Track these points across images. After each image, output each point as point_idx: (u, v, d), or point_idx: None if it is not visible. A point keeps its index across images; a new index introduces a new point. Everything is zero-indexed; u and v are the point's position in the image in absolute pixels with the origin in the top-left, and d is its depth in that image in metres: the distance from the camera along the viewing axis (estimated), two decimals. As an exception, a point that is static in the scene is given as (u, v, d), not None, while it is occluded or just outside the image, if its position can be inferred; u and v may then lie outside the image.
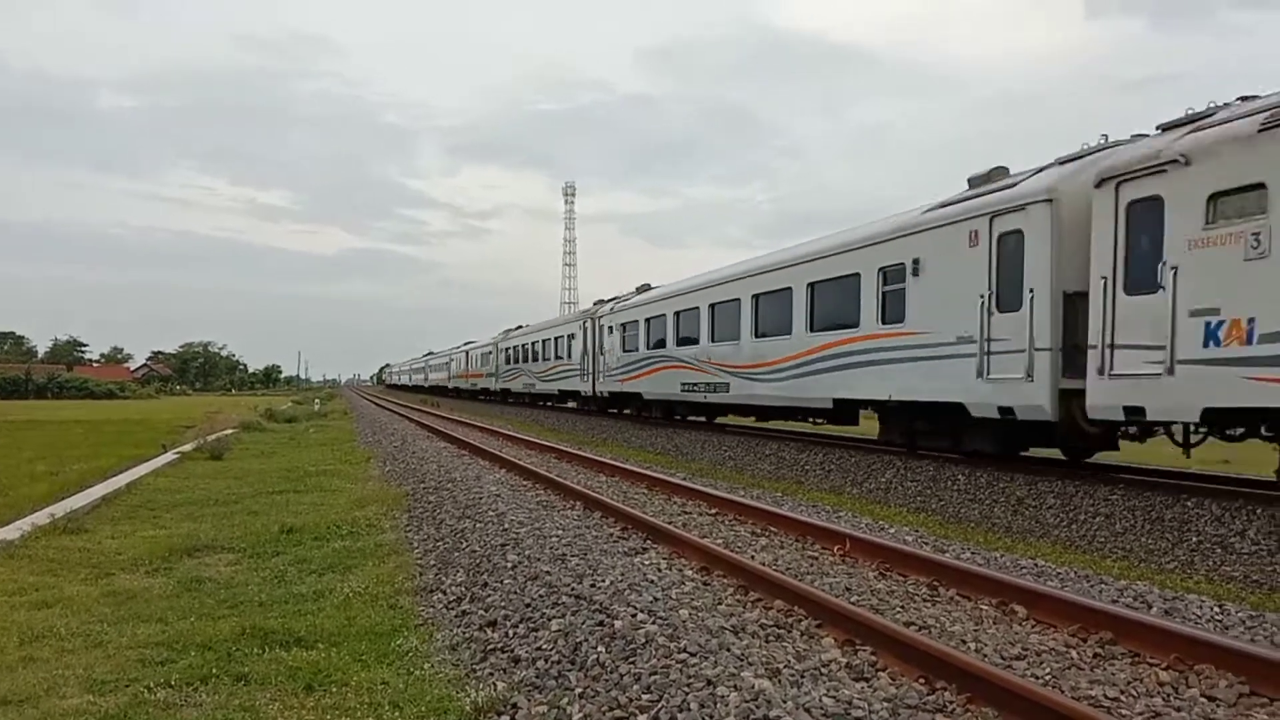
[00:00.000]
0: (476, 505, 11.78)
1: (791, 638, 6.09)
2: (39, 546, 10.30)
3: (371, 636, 6.94)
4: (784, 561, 8.66)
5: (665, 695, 4.91)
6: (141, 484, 16.36)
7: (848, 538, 9.29)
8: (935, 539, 10.61)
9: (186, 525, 12.07)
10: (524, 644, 6.36)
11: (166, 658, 6.46)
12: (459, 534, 10.42)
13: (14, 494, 15.02)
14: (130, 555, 10.01)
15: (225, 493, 15.38)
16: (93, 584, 8.77)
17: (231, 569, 9.53)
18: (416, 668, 6.21)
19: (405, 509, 13.24)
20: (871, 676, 5.38)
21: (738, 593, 7.26)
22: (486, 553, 9.12)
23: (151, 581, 8.93)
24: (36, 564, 9.54)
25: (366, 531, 11.56)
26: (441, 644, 6.82)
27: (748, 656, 5.39)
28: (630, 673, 5.29)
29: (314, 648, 6.64)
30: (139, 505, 13.90)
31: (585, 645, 5.88)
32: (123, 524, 12.15)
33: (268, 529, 11.52)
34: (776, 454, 20.28)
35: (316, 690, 5.78)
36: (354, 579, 8.88)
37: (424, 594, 8.43)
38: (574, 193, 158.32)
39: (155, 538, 11.05)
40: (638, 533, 9.86)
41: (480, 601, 7.67)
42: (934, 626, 6.57)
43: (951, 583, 7.70)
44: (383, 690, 5.74)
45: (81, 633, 7.08)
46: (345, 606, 7.84)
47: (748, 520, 10.96)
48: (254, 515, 12.96)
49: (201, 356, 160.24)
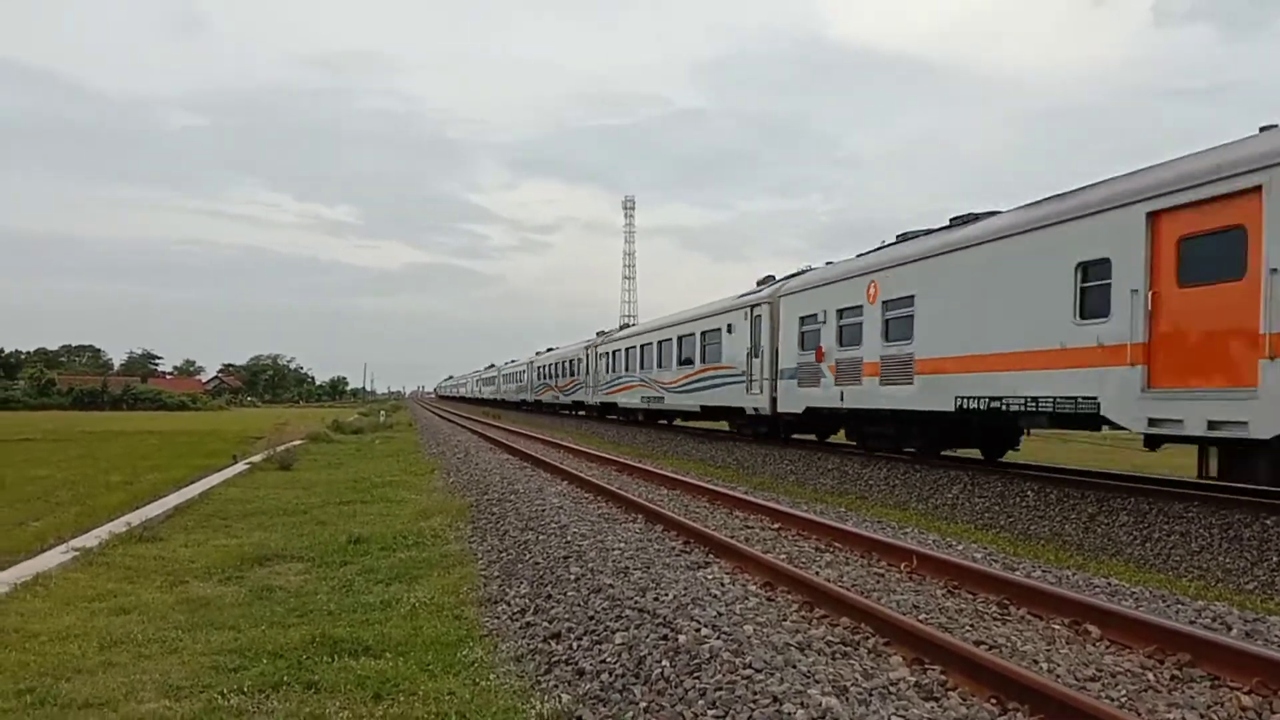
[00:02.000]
0: (539, 517, 11.85)
1: (858, 655, 6.01)
2: (117, 554, 10.61)
3: (438, 646, 7.02)
4: (849, 578, 8.56)
5: (731, 711, 4.89)
6: (213, 494, 16.78)
7: (914, 554, 9.16)
8: (1004, 556, 10.40)
9: (257, 534, 12.34)
10: (588, 657, 6.37)
11: (239, 665, 6.60)
12: (522, 545, 10.50)
13: (92, 503, 15.53)
14: (203, 564, 10.26)
15: (294, 503, 15.70)
16: (168, 591, 9.02)
17: (301, 578, 9.71)
18: (482, 678, 6.26)
19: (469, 520, 13.38)
20: (941, 696, 5.29)
21: (802, 609, 7.19)
22: (550, 565, 9.17)
23: (224, 589, 9.15)
24: (114, 571, 9.83)
25: (432, 542, 11.70)
26: (506, 655, 6.87)
27: (814, 674, 5.33)
28: (695, 688, 5.27)
29: (382, 657, 6.73)
30: (211, 514, 14.25)
31: (649, 659, 5.87)
32: (196, 533, 12.47)
33: (335, 539, 11.73)
34: (839, 468, 20.08)
35: (385, 699, 5.85)
36: (420, 589, 9.00)
37: (488, 605, 8.50)
38: (634, 206, 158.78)
39: (227, 547, 11.31)
40: (700, 547, 9.83)
41: (544, 613, 7.71)
42: (1004, 646, 6.43)
43: (1022, 601, 7.54)
44: (450, 700, 5.79)
45: (158, 638, 7.27)
46: (412, 616, 7.94)
47: (811, 535, 10.86)
48: (322, 525, 13.20)
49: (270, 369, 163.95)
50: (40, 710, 5.62)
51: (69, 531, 12.16)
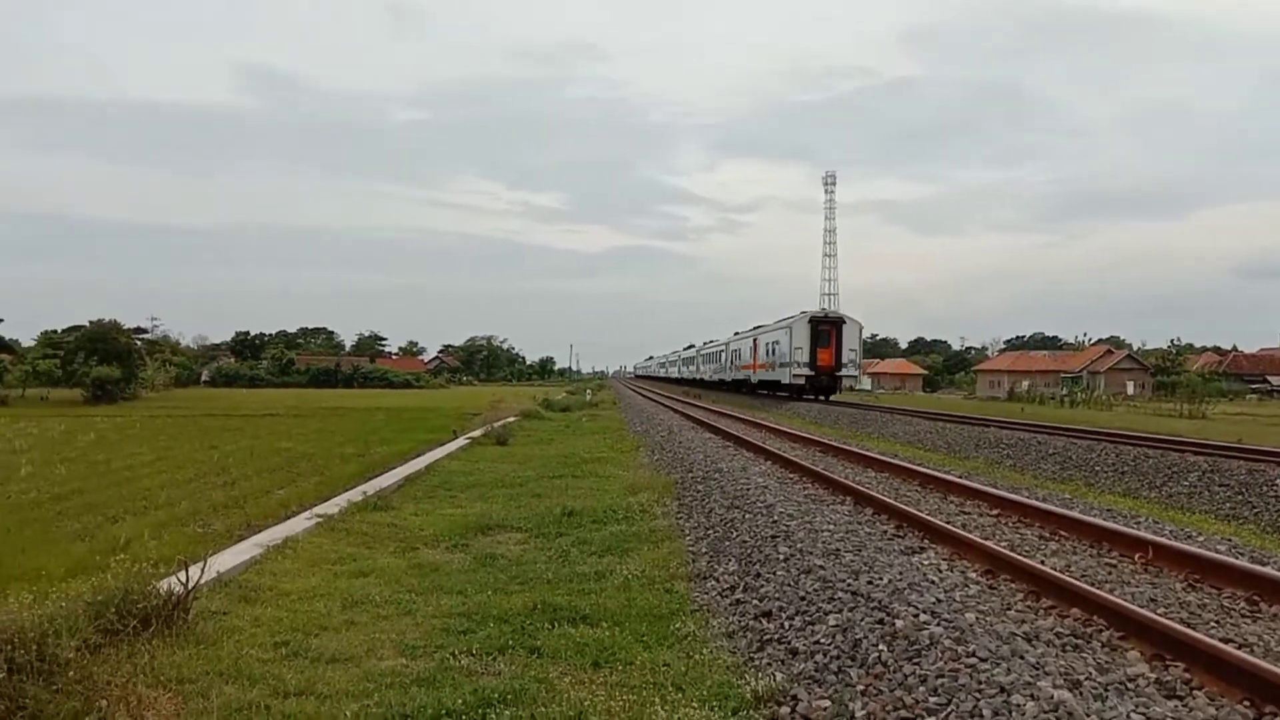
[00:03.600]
0: (744, 496, 11.86)
1: (1091, 648, 5.67)
2: (355, 521, 11.47)
3: (651, 619, 7.18)
4: (1078, 568, 8.08)
5: (955, 699, 4.72)
6: (438, 466, 17.83)
7: (1150, 544, 8.52)
8: (1251, 549, 9.52)
9: (479, 505, 13.02)
10: (800, 637, 6.32)
11: (467, 628, 6.99)
12: (728, 523, 10.55)
13: (329, 473, 16.85)
14: (431, 531, 10.93)
15: (511, 476, 16.45)
16: (400, 557, 9.66)
17: (520, 547, 10.17)
18: (695, 652, 6.35)
19: (675, 496, 13.58)
20: (1185, 695, 4.90)
21: (1028, 599, 6.84)
22: (757, 543, 9.16)
23: (451, 556, 9.71)
24: (353, 536, 10.62)
25: (640, 517, 11.96)
26: (718, 630, 6.93)
27: (1043, 665, 5.06)
28: (915, 674, 5.12)
29: (598, 626, 6.96)
30: (436, 486, 15.16)
31: (865, 642, 5.76)
32: (424, 503, 13.30)
33: (550, 511, 12.20)
34: (1062, 452, 19.01)
35: (603, 667, 6.04)
36: (631, 562, 9.22)
37: (698, 580, 8.61)
38: (834, 182, 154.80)
39: (452, 516, 12.00)
40: (914, 531, 9.54)
41: (754, 591, 7.72)
42: (1256, 645, 5.90)
43: (1275, 598, 6.88)
44: (665, 671, 5.91)
45: (393, 600, 7.81)
46: (625, 588, 8.16)
47: (1034, 523, 10.31)
48: (538, 498, 13.77)
49: (485, 349, 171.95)
50: (294, 661, 6.16)
51: (310, 499, 13.25)
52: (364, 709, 5.26)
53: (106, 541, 10.03)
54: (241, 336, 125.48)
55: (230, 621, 6.90)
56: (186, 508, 12.60)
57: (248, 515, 11.96)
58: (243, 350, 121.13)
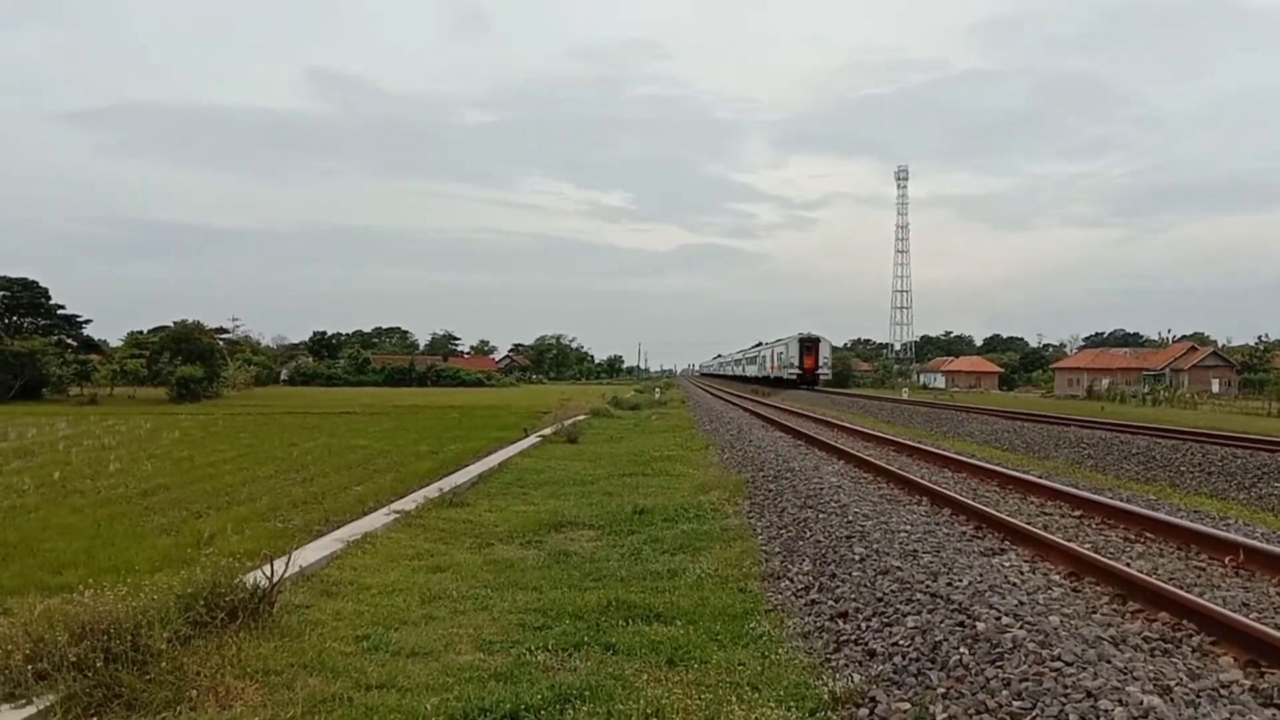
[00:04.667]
0: (818, 495, 11.75)
1: (1181, 654, 5.49)
2: (431, 517, 11.64)
3: (725, 618, 7.15)
4: (1165, 571, 7.84)
5: (1039, 704, 4.61)
6: (510, 464, 18.02)
7: (1241, 547, 8.23)
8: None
9: (551, 503, 13.12)
10: (878, 638, 6.24)
11: (543, 624, 7.04)
12: (801, 523, 10.46)
13: (404, 470, 17.15)
14: (505, 528, 11.04)
15: (582, 474, 16.55)
16: (476, 552, 9.78)
17: (593, 545, 10.22)
18: (771, 652, 6.31)
19: (746, 495, 13.51)
20: (1285, 706, 4.73)
21: (1114, 602, 6.66)
22: (831, 544, 9.07)
23: (525, 553, 9.80)
24: (430, 532, 10.78)
25: (711, 516, 11.93)
26: (793, 631, 6.88)
27: (1131, 670, 4.92)
28: (998, 677, 5.02)
29: (672, 624, 6.96)
30: (510, 483, 15.31)
31: (945, 645, 5.66)
32: (497, 499, 13.44)
33: (622, 509, 12.24)
34: (1145, 452, 18.47)
35: (678, 665, 6.04)
36: (704, 561, 9.20)
37: (771, 580, 8.55)
38: (906, 177, 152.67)
39: (525, 513, 12.11)
40: (994, 532, 9.35)
41: (829, 592, 7.64)
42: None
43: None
44: (740, 671, 5.89)
45: (470, 595, 7.91)
46: (698, 586, 8.14)
47: (1118, 524, 10.03)
48: (609, 496, 13.82)
49: (554, 348, 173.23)
50: (375, 655, 6.27)
51: (387, 495, 13.51)
52: (443, 703, 5.33)
53: (191, 535, 10.35)
54: (319, 336, 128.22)
55: (313, 615, 7.05)
56: (267, 503, 12.93)
57: (326, 511, 12.24)
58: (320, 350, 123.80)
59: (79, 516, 11.81)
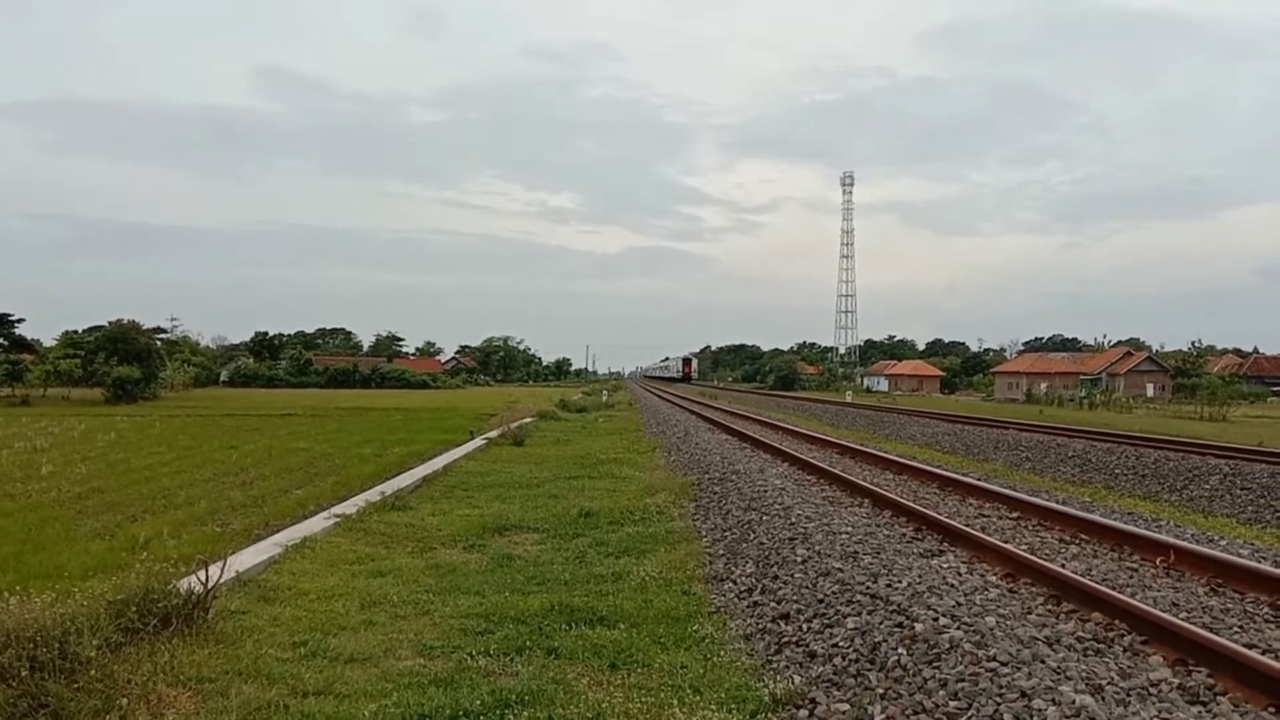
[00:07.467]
0: (761, 498, 11.83)
1: (1113, 653, 5.62)
2: (372, 521, 11.50)
3: (668, 620, 7.16)
4: (1099, 571, 8.01)
5: (975, 703, 4.68)
6: (455, 467, 17.86)
7: (1171, 548, 8.44)
8: (1274, 553, 9.41)
9: (496, 506, 13.03)
10: (819, 640, 6.30)
11: (485, 628, 7.00)
12: (745, 525, 10.52)
13: (346, 473, 16.92)
14: (448, 532, 10.94)
15: (528, 477, 16.47)
16: (418, 557, 9.68)
17: (537, 548, 10.17)
18: (713, 654, 6.34)
19: (691, 498, 13.56)
20: (1209, 701, 4.85)
21: (1049, 602, 6.79)
22: (775, 545, 9.13)
23: (468, 557, 9.72)
24: (371, 536, 10.65)
25: (657, 518, 11.95)
26: (735, 633, 6.91)
27: (1065, 670, 5.02)
28: (935, 677, 5.09)
29: (616, 627, 6.95)
30: (454, 486, 15.18)
31: (885, 646, 5.73)
32: (441, 503, 13.32)
33: (567, 512, 12.21)
34: (1082, 455, 18.90)
35: (621, 669, 6.03)
36: (648, 563, 9.21)
37: (715, 582, 8.59)
38: (852, 183, 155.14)
39: (469, 516, 12.02)
40: (933, 534, 9.49)
41: (771, 594, 7.69)
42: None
43: (1302, 605, 6.82)
44: (683, 674, 5.90)
45: (411, 600, 7.83)
46: (642, 589, 8.15)
47: (1054, 526, 10.24)
48: (554, 499, 13.77)
49: (502, 350, 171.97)
50: (313, 661, 6.18)
51: (328, 499, 13.31)
52: (382, 709, 5.26)
53: (126, 540, 10.11)
54: (260, 337, 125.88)
55: (249, 621, 6.93)
56: (205, 507, 12.67)
57: (266, 515, 12.03)
58: (261, 350, 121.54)
59: (9, 520, 11.47)
